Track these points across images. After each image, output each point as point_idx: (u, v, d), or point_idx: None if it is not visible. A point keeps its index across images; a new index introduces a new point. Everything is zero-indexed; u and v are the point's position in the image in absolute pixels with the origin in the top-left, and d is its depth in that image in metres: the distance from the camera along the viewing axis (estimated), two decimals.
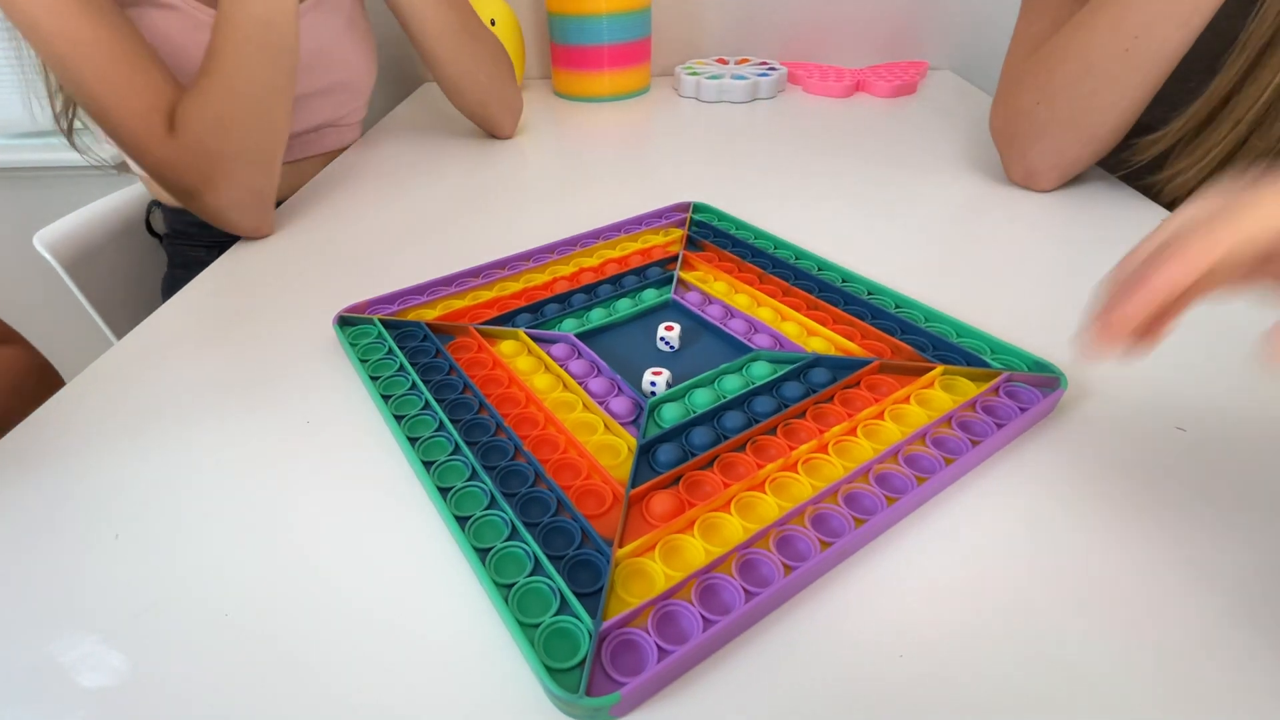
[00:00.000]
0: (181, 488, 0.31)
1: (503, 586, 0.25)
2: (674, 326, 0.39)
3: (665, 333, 0.39)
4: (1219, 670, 0.23)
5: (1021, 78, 0.56)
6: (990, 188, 0.60)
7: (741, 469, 0.30)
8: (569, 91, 0.92)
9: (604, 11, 0.83)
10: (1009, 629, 0.24)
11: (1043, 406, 0.32)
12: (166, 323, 0.45)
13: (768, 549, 0.26)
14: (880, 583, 0.26)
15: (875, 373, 0.36)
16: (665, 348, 0.39)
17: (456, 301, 0.44)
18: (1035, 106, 0.54)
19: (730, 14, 0.99)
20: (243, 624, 0.25)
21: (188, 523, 0.29)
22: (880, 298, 0.42)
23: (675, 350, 0.39)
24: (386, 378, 0.36)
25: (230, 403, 0.37)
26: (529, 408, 0.34)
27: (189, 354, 0.41)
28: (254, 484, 0.31)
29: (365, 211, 0.60)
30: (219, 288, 0.49)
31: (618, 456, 0.31)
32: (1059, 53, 0.52)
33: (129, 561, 0.28)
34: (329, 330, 0.41)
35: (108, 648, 0.24)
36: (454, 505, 0.28)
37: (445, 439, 0.32)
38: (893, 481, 0.29)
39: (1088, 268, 0.46)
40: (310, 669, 0.23)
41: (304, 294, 0.47)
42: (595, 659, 0.22)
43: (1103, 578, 0.26)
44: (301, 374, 0.39)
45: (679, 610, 0.24)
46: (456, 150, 0.75)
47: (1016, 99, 0.56)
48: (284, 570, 0.27)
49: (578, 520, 0.27)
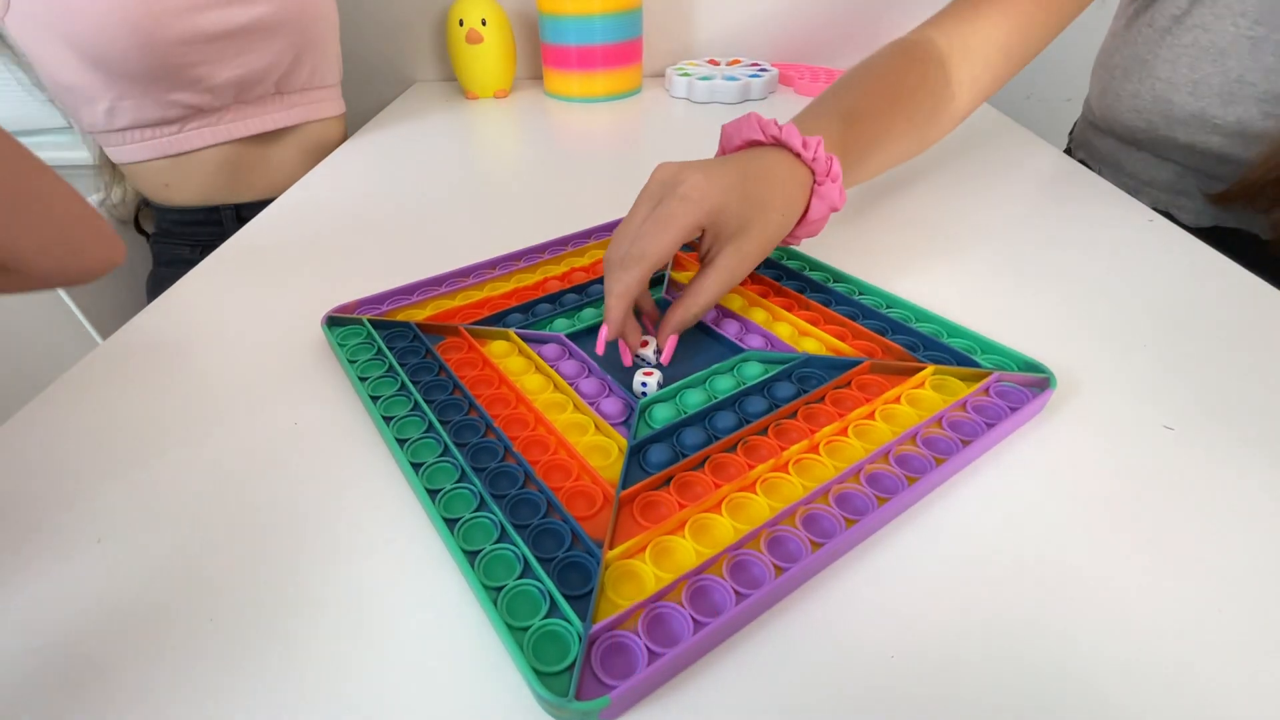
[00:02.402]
0: (167, 490, 0.31)
1: (492, 589, 0.24)
2: (653, 372, 0.35)
3: (644, 379, 0.35)
4: (1210, 667, 0.23)
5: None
6: (979, 188, 0.60)
7: (733, 469, 0.30)
8: (560, 92, 0.92)
9: (595, 12, 0.83)
10: (1000, 628, 0.24)
11: (1033, 406, 0.32)
12: (153, 322, 0.44)
13: (759, 550, 0.26)
14: (871, 583, 0.26)
15: (866, 373, 0.36)
16: (641, 389, 0.35)
17: (447, 302, 0.43)
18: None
19: (721, 15, 0.99)
20: (228, 629, 0.25)
21: (173, 526, 0.29)
22: (871, 297, 0.42)
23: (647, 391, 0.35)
24: (375, 378, 0.36)
25: (217, 404, 0.36)
26: (519, 408, 0.34)
27: (175, 354, 0.41)
28: (241, 486, 0.31)
29: (354, 211, 0.60)
30: (206, 287, 0.48)
31: (608, 457, 0.31)
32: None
33: (112, 566, 0.27)
34: (317, 331, 0.41)
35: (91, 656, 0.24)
36: (443, 507, 0.28)
37: (434, 440, 0.32)
38: (884, 482, 0.29)
39: (1076, 268, 0.46)
40: (298, 672, 0.23)
41: (292, 294, 0.46)
42: (585, 662, 0.22)
43: (1093, 576, 0.26)
44: (290, 375, 0.38)
45: (669, 612, 0.24)
46: (447, 150, 0.75)
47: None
48: (271, 573, 0.27)
49: (568, 522, 0.27)
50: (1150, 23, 0.59)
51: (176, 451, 0.33)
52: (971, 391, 0.33)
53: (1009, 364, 0.36)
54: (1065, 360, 0.36)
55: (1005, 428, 0.31)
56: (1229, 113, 0.54)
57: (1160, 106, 0.58)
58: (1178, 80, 0.56)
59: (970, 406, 0.33)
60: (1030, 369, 0.35)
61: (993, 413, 0.32)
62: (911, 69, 0.49)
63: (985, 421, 0.32)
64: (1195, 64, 0.55)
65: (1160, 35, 0.57)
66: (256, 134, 0.71)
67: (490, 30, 0.88)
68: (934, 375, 0.35)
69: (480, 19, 0.87)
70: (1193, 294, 0.43)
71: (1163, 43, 0.57)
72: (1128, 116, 0.62)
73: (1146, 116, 0.60)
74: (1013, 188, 0.61)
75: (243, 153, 0.71)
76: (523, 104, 0.92)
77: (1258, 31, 0.52)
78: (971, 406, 0.33)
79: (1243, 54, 0.53)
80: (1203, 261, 0.47)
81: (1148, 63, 0.58)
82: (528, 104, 0.91)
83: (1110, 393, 0.35)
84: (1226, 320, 0.41)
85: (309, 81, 0.75)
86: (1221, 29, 0.53)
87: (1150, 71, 0.58)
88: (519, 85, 1.00)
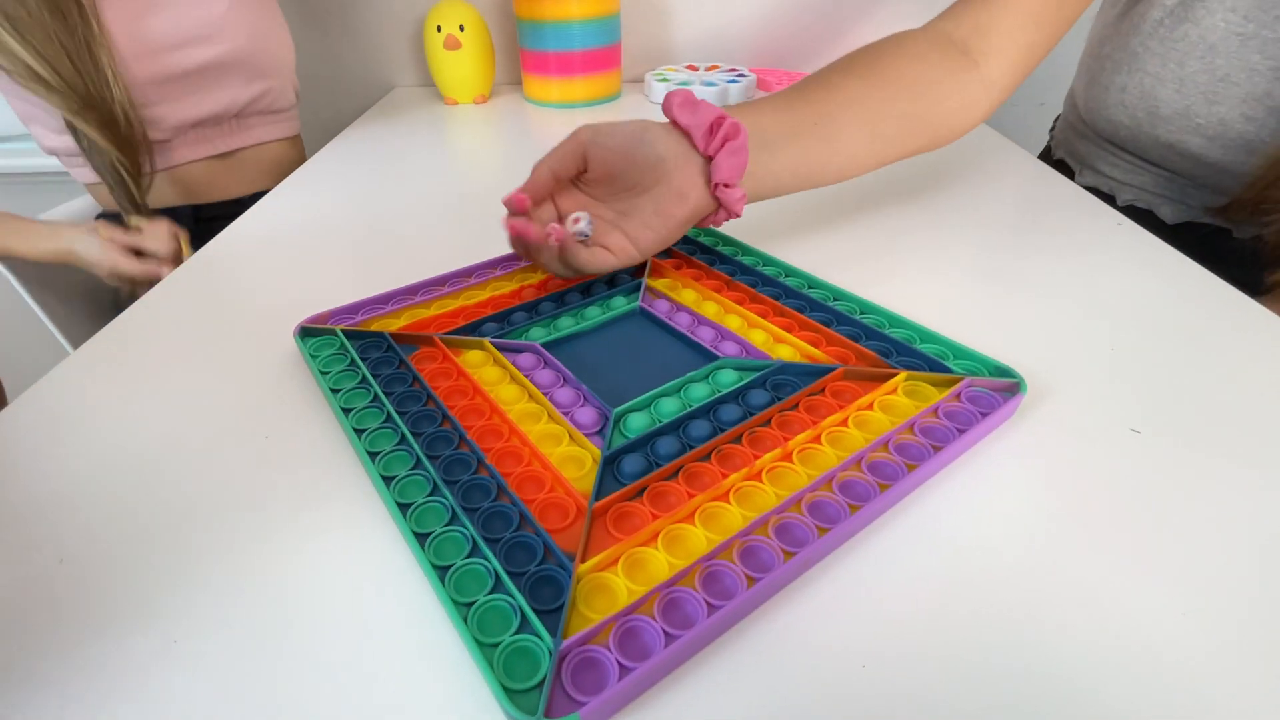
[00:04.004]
0: (135, 504, 0.30)
1: (462, 605, 0.24)
2: (581, 217, 0.41)
3: (575, 225, 0.41)
4: (1181, 669, 0.23)
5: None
6: (951, 193, 0.61)
7: (706, 479, 0.30)
8: (539, 97, 0.91)
9: (573, 17, 0.83)
10: (973, 633, 0.24)
11: (1003, 411, 0.33)
12: (122, 334, 0.43)
13: (731, 560, 0.26)
14: (844, 592, 0.26)
15: (840, 379, 0.36)
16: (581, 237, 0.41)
17: (421, 311, 0.43)
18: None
19: (699, 20, 0.99)
20: (191, 649, 0.24)
21: (138, 541, 0.28)
22: (845, 303, 0.42)
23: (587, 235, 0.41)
24: (348, 390, 0.36)
25: (187, 416, 0.36)
26: (493, 419, 0.34)
27: (145, 366, 0.40)
28: (210, 500, 0.30)
29: (330, 219, 0.59)
30: (177, 298, 0.47)
31: (582, 468, 0.31)
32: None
33: (74, 585, 0.27)
34: (290, 342, 0.40)
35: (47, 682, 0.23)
36: (414, 522, 0.28)
37: (407, 453, 0.31)
38: (856, 489, 0.29)
39: (1046, 273, 0.47)
40: (264, 691, 0.23)
41: (265, 304, 0.46)
42: (555, 678, 0.22)
43: (1064, 579, 0.26)
44: (261, 386, 0.38)
45: (641, 625, 0.24)
46: (425, 156, 0.74)
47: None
48: (237, 590, 0.26)
49: (540, 535, 0.27)
50: (1144, 14, 0.59)
51: (146, 464, 0.32)
52: (943, 397, 0.34)
53: (980, 369, 0.36)
54: (1035, 365, 0.37)
55: (976, 433, 0.32)
56: (1212, 112, 0.55)
57: (1146, 103, 0.59)
58: (1165, 75, 0.57)
59: (942, 412, 0.33)
60: (1001, 374, 0.35)
61: (964, 418, 0.32)
62: (908, 56, 0.48)
63: (957, 427, 0.32)
64: (1184, 60, 0.56)
65: (1153, 28, 0.58)
66: (207, 156, 0.73)
67: (468, 36, 0.87)
68: (906, 381, 0.35)
69: (458, 25, 0.87)
70: (1160, 298, 0.44)
71: (1155, 35, 0.58)
72: (1113, 111, 0.62)
73: (1132, 112, 0.60)
74: (984, 192, 0.62)
75: (195, 170, 0.73)
76: (502, 110, 0.91)
77: (1247, 28, 0.53)
78: (943, 412, 0.33)
79: (1230, 51, 0.54)
80: (1170, 266, 0.48)
81: (1138, 55, 0.59)
82: (507, 110, 0.91)
83: (1079, 397, 0.35)
84: (1193, 324, 0.41)
85: (265, 108, 0.77)
86: (1213, 24, 0.54)
87: (1140, 65, 0.59)
88: (498, 91, 1.00)
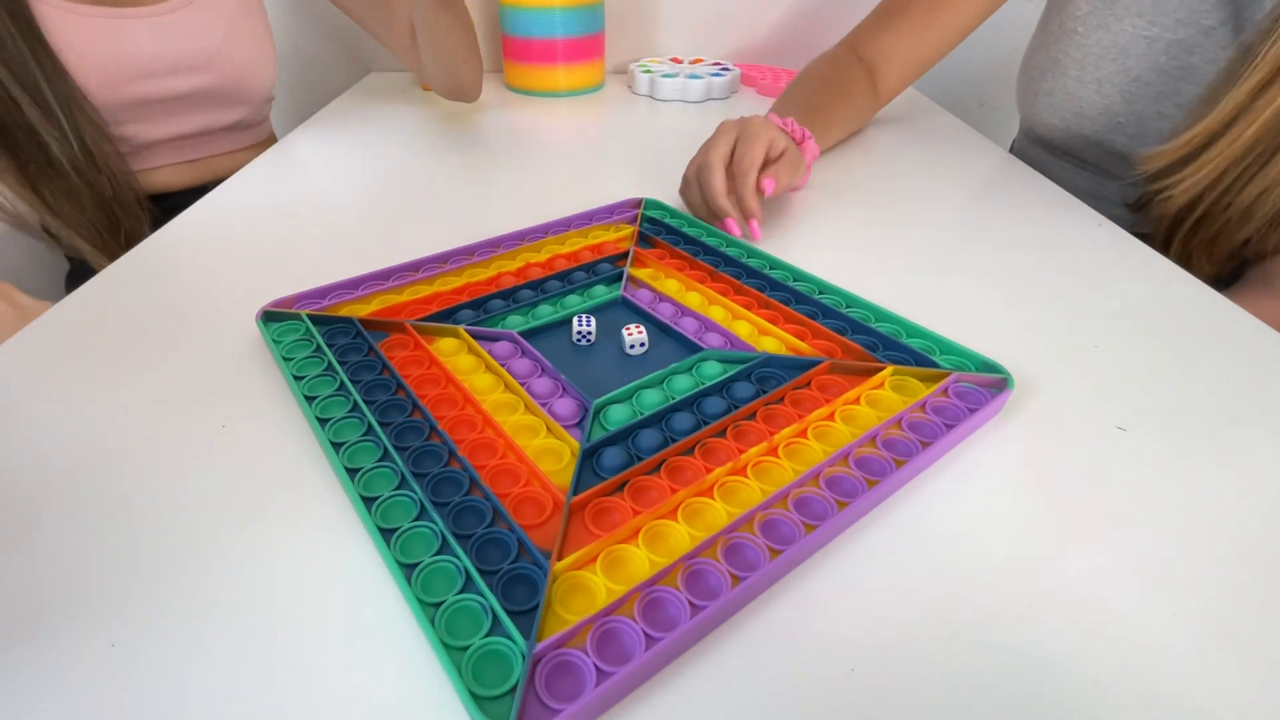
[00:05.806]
0: (84, 497, 0.28)
1: (429, 605, 0.23)
2: (639, 329, 0.37)
3: (635, 334, 0.37)
4: (1170, 667, 0.22)
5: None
6: (938, 189, 0.60)
7: (690, 473, 0.29)
8: (521, 85, 0.89)
9: (556, 4, 0.81)
10: (961, 629, 0.23)
11: (991, 407, 0.32)
12: (69, 316, 0.41)
13: (715, 559, 0.25)
14: (831, 591, 0.25)
15: (826, 373, 0.35)
16: (637, 350, 0.37)
17: (393, 297, 0.41)
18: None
19: (684, 13, 0.98)
20: (133, 653, 0.22)
21: (87, 532, 0.26)
22: (831, 296, 0.41)
23: (645, 351, 0.37)
24: (312, 377, 0.34)
25: (139, 403, 0.33)
26: (466, 409, 0.32)
27: (94, 352, 0.37)
28: (163, 492, 0.28)
29: (300, 203, 0.57)
30: (131, 279, 0.45)
31: (560, 461, 0.30)
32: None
33: (14, 580, 0.25)
34: (252, 327, 0.38)
35: None
36: (379, 516, 0.26)
37: (373, 444, 0.30)
38: (843, 485, 0.28)
39: (1031, 270, 0.47)
40: (218, 692, 0.21)
41: (227, 288, 0.44)
42: (528, 684, 0.20)
43: (1051, 577, 0.25)
44: (220, 373, 0.36)
45: (621, 627, 0.22)
46: (399, 141, 0.72)
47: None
48: (182, 590, 0.24)
49: (514, 531, 0.26)
50: (1060, 24, 0.62)
51: (94, 454, 0.30)
52: (930, 392, 0.33)
53: (967, 364, 0.35)
54: (1022, 361, 0.36)
55: (964, 429, 0.31)
56: (1130, 110, 0.58)
57: (1072, 104, 0.62)
58: (1085, 78, 0.60)
59: (929, 407, 0.32)
60: (988, 369, 0.34)
61: (952, 414, 0.32)
62: (843, 73, 0.66)
63: (944, 423, 0.31)
64: (1100, 62, 0.59)
65: (1069, 35, 0.61)
66: (175, 162, 0.72)
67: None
68: (893, 375, 0.34)
69: None
70: (1142, 297, 0.44)
71: (1072, 42, 0.61)
72: (1044, 114, 0.66)
73: (1060, 114, 0.64)
74: (971, 190, 0.62)
75: (161, 173, 0.72)
76: (482, 96, 0.89)
77: (1152, 31, 0.56)
78: (931, 407, 0.32)
79: (1140, 53, 0.57)
80: (1153, 266, 0.48)
81: (1059, 62, 0.62)
82: (487, 96, 0.89)
83: (1065, 393, 0.35)
84: (1175, 323, 0.41)
85: (241, 126, 0.76)
86: (1121, 29, 0.57)
87: (1062, 70, 0.62)
88: None
